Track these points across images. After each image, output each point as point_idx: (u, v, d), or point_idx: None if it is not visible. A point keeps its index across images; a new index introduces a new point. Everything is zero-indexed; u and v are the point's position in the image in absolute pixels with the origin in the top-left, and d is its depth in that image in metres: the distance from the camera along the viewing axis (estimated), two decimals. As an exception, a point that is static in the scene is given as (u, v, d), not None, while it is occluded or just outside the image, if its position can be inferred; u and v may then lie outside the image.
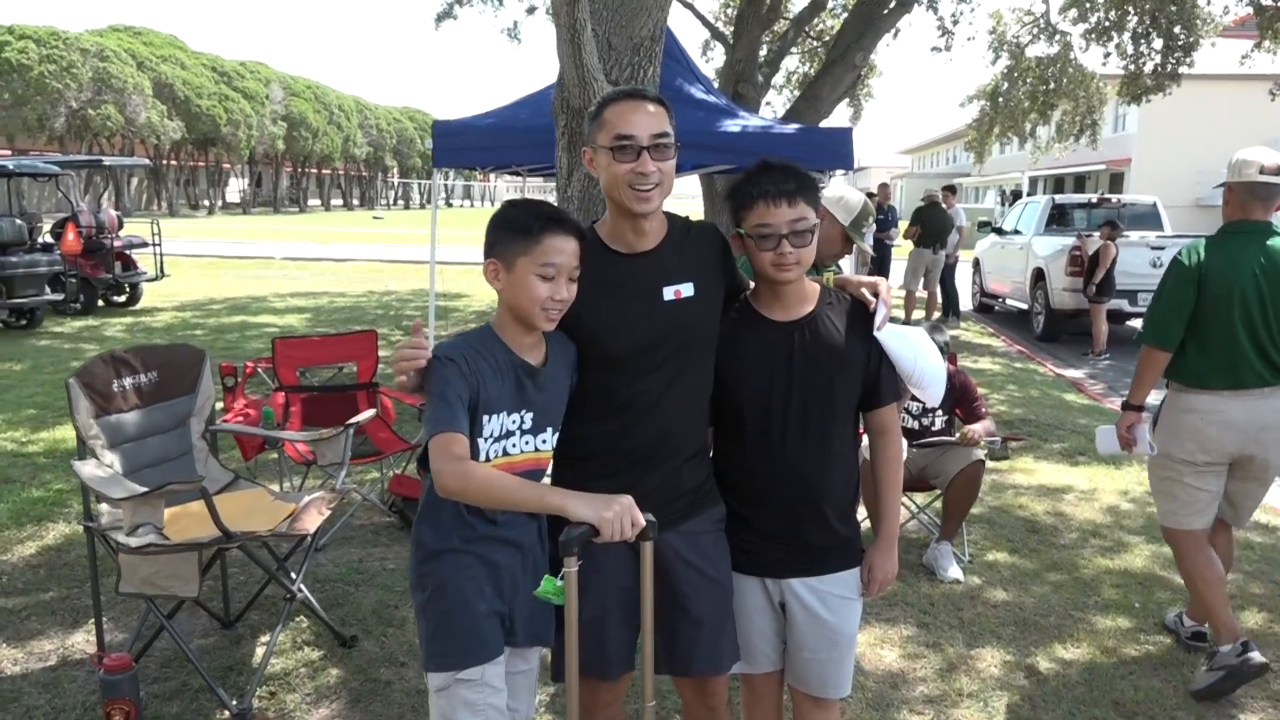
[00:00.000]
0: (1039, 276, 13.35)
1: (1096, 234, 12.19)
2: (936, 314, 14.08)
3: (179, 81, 49.38)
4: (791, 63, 20.03)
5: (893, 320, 2.36)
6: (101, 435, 3.51)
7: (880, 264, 14.51)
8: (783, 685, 2.49)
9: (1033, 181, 39.72)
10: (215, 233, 35.75)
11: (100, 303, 14.43)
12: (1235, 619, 3.72)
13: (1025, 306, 14.02)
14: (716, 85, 12.75)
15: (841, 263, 4.17)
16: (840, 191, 3.76)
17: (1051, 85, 18.88)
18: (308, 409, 5.25)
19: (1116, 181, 36.23)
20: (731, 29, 13.81)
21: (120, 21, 54.87)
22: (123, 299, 14.86)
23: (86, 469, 3.36)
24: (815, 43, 17.06)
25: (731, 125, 8.12)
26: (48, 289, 12.71)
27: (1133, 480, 6.32)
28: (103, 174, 44.29)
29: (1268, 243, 3.60)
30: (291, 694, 3.49)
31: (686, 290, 2.22)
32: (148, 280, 14.88)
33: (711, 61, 17.85)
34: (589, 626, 2.13)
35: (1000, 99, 19.79)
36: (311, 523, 3.57)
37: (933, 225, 13.98)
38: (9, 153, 39.80)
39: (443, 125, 8.01)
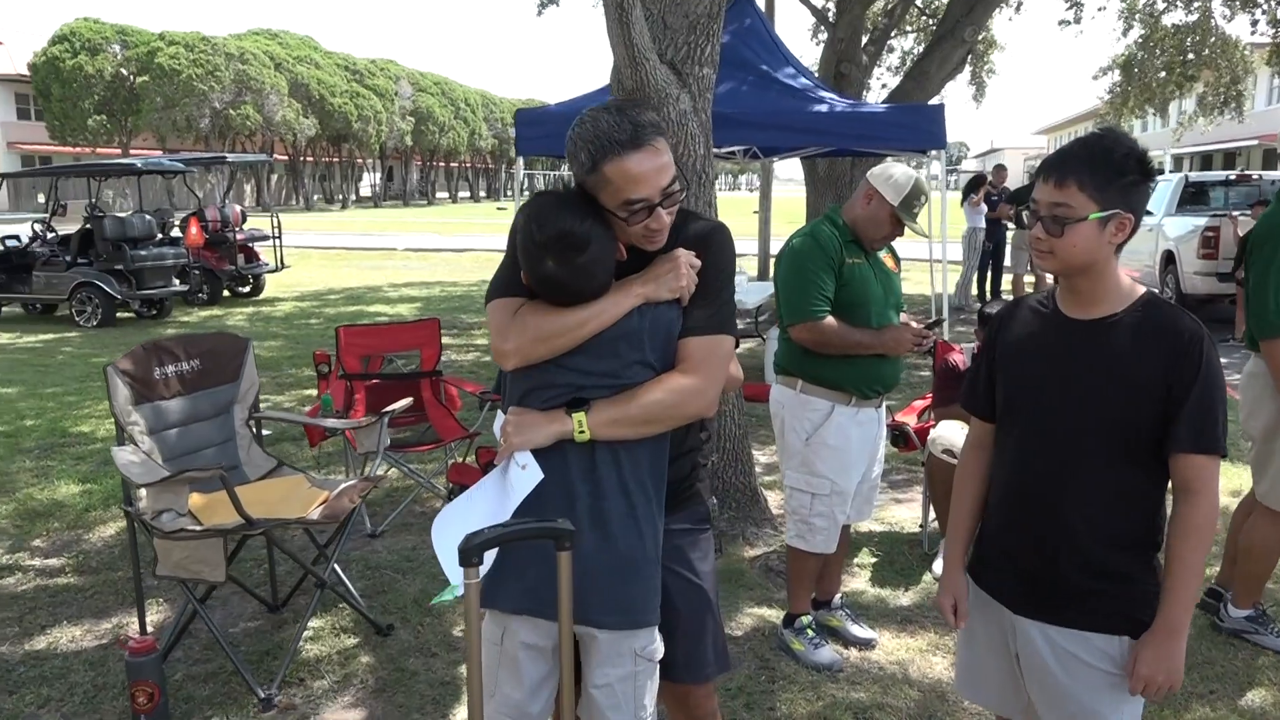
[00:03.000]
0: (1169, 259, 12.53)
1: (1248, 212, 11.39)
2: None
3: (313, 81, 51.36)
4: (907, 42, 19.41)
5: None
6: (141, 421, 3.58)
7: (996, 249, 13.89)
8: None
9: (1176, 160, 37.46)
10: (345, 225, 37.09)
11: (225, 293, 15.09)
12: None
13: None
14: (818, 66, 12.42)
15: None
16: (889, 169, 3.54)
17: (1190, 55, 17.74)
18: (371, 397, 5.29)
19: (1270, 157, 33.82)
20: (833, 6, 13.42)
21: (260, 25, 57.35)
22: (246, 290, 15.50)
23: (122, 455, 3.43)
24: (929, 19, 16.42)
25: (819, 106, 7.86)
26: (175, 281, 13.34)
27: (1248, 479, 5.80)
28: (245, 170, 46.46)
29: None
30: (319, 681, 3.50)
31: None
32: (269, 272, 15.47)
33: (822, 44, 17.41)
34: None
35: (1135, 71, 18.69)
36: (341, 511, 3.56)
37: None
38: (159, 152, 42.23)
39: (525, 114, 8.02)
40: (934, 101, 11.60)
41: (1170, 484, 1.94)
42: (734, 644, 3.76)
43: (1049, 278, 13.49)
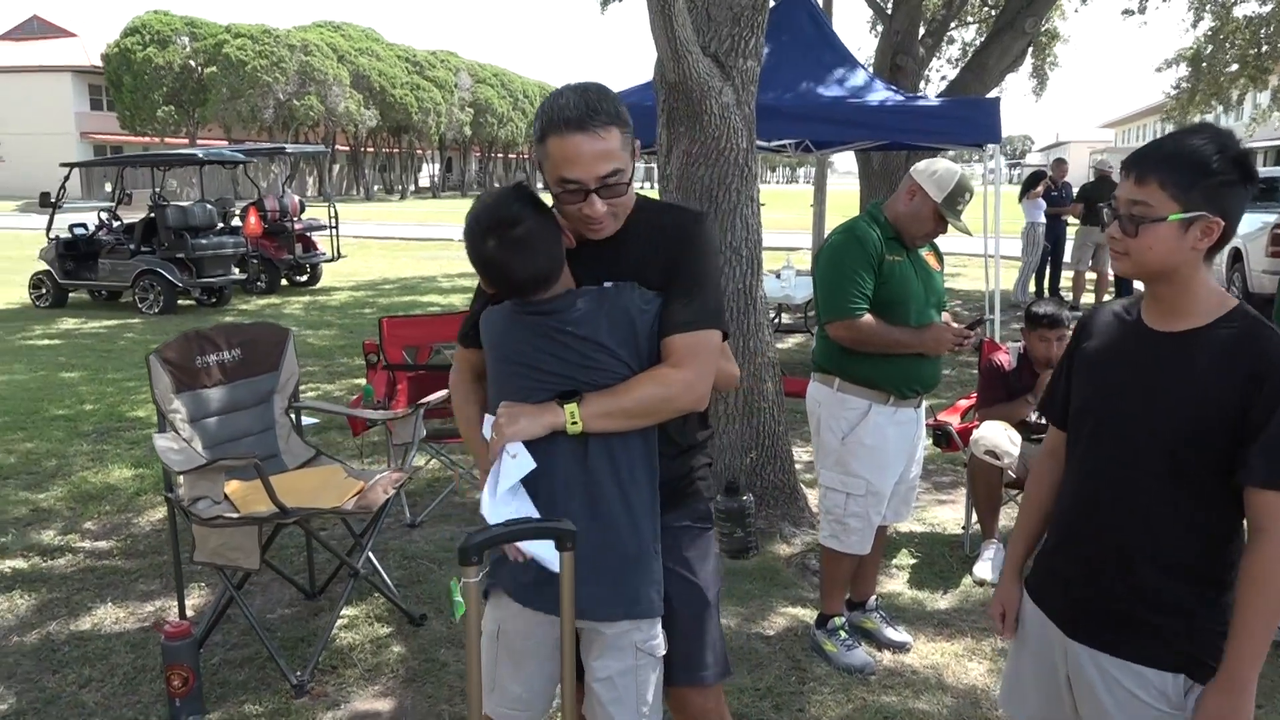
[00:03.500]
0: (1235, 258, 12.15)
1: None
2: (1108, 295, 13.04)
3: (374, 72, 52.00)
4: (968, 33, 19.06)
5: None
6: (182, 409, 3.65)
7: (1055, 245, 13.60)
8: None
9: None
10: (404, 216, 37.55)
11: (283, 282, 15.34)
12: None
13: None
14: (873, 59, 12.25)
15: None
16: (933, 164, 3.47)
17: (1264, 48, 17.16)
18: (413, 388, 5.34)
19: (1350, 153, 32.60)
20: (891, -1, 13.22)
21: (324, 17, 58.26)
22: (303, 279, 15.75)
23: (163, 442, 3.50)
24: (990, 9, 16.10)
25: (871, 100, 7.75)
26: (234, 269, 13.60)
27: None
28: (307, 161, 47.20)
29: None
30: (351, 669, 3.54)
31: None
32: (326, 261, 15.70)
33: (879, 36, 17.18)
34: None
35: (1204, 64, 18.14)
36: (375, 501, 3.60)
37: (1098, 201, 12.91)
38: (225, 142, 43.11)
39: (574, 106, 8.01)
40: (993, 94, 11.40)
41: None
42: (765, 643, 3.73)
43: (1110, 276, 13.21)
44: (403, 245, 24.47)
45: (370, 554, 3.85)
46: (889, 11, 12.28)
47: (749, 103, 4.83)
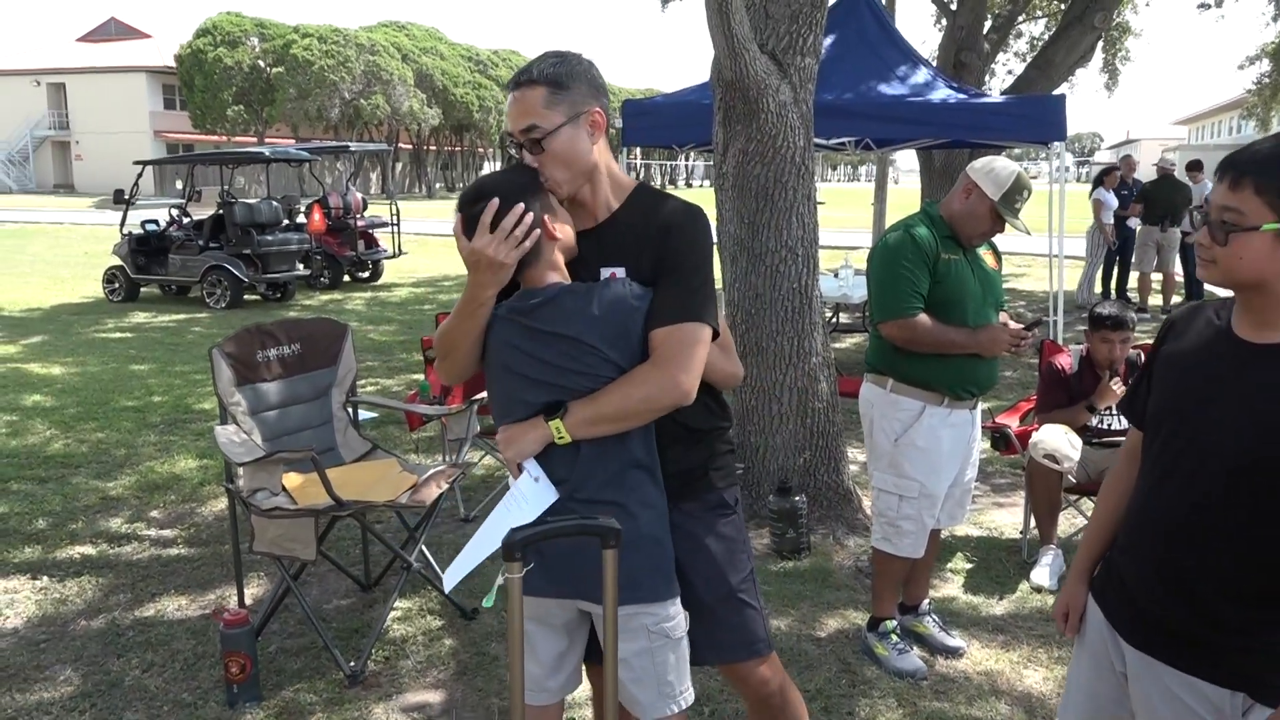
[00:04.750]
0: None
1: None
2: (1176, 298, 12.67)
3: (438, 72, 52.62)
4: (1037, 28, 18.69)
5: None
6: (243, 402, 3.73)
7: (1123, 246, 13.26)
8: None
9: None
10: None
11: (345, 278, 15.61)
12: None
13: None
14: (937, 55, 12.08)
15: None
16: (990, 163, 3.41)
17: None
18: (470, 383, 5.38)
19: None
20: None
21: (389, 17, 59.06)
22: (366, 275, 16.01)
23: (224, 434, 3.58)
24: (1059, 2, 15.76)
25: (933, 97, 7.65)
26: (299, 265, 13.87)
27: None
28: (371, 159, 47.90)
29: None
30: (404, 660, 3.60)
31: (620, 274, 2.02)
32: (387, 258, 15.94)
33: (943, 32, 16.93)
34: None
35: (1285, 59, 17.57)
36: (429, 496, 3.64)
37: (1159, 200, 12.52)
38: (292, 141, 43.94)
39: (632, 104, 8.04)
40: (1061, 90, 11.17)
41: None
42: (815, 645, 3.70)
43: (1178, 277, 12.84)
44: (463, 242, 24.68)
45: (424, 547, 3.91)
46: (953, 7, 12.09)
47: (807, 100, 4.79)
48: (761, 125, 4.65)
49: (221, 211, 13.44)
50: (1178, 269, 12.89)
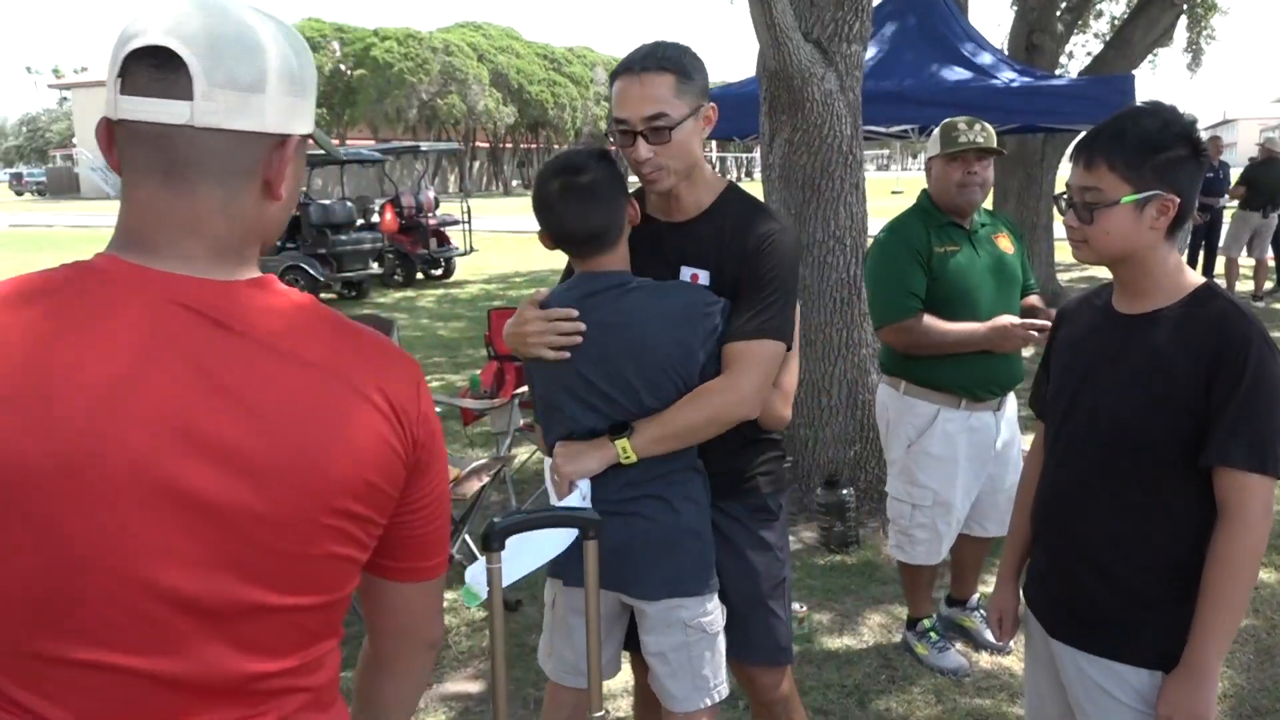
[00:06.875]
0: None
1: None
2: (1269, 284, 12.12)
3: (513, 70, 53.24)
4: (1118, 7, 18.08)
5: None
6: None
7: (1210, 228, 12.73)
8: None
9: None
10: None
11: (418, 276, 15.89)
12: None
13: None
14: (1008, 38, 11.78)
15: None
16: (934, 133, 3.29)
17: None
18: (521, 378, 5.45)
19: None
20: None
21: (466, 18, 59.98)
22: (438, 273, 16.27)
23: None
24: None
25: (996, 81, 7.48)
26: (373, 264, 14.17)
27: None
28: (449, 158, 48.68)
29: None
30: (446, 650, 3.66)
31: (703, 278, 2.02)
32: (459, 255, 16.18)
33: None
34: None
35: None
36: (470, 489, 3.70)
37: (1263, 184, 11.91)
38: (372, 142, 44.89)
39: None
40: (1139, 70, 10.81)
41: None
42: (857, 639, 3.66)
43: (1271, 263, 12.28)
44: (535, 239, 24.88)
45: (468, 538, 3.96)
46: (1025, -13, 11.76)
47: (854, 88, 4.72)
48: (807, 115, 4.59)
49: (298, 213, 13.79)
50: (1269, 254, 12.34)
